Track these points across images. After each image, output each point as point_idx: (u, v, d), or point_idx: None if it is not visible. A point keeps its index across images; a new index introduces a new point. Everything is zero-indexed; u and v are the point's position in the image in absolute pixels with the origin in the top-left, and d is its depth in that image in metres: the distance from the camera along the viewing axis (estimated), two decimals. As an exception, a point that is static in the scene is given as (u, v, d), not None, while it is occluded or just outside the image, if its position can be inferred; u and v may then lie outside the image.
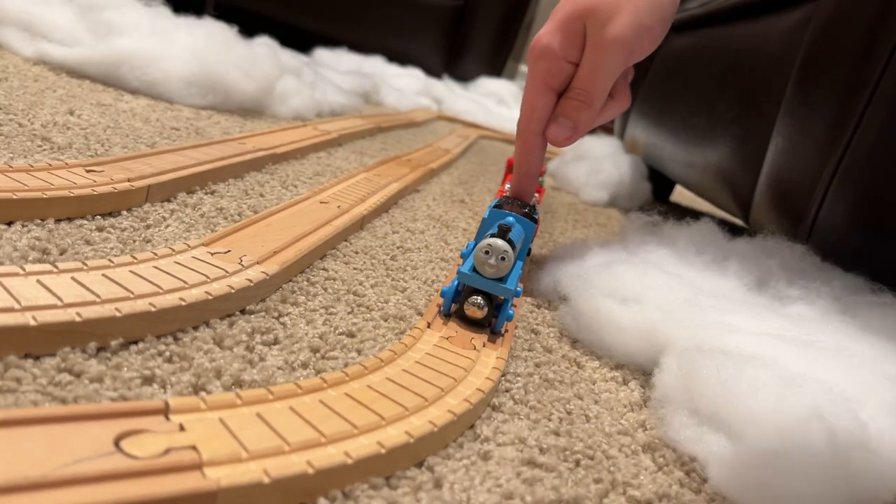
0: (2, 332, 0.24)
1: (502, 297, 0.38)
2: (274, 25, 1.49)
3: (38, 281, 0.28)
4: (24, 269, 0.28)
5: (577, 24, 0.45)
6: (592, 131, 0.98)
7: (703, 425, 0.32)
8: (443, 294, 0.38)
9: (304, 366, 0.30)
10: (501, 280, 0.37)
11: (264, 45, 0.99)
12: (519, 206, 0.46)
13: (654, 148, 1.06)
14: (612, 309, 0.42)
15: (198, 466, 0.20)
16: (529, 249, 0.52)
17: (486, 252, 0.37)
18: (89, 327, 0.26)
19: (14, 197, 0.35)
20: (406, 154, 0.86)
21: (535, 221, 0.46)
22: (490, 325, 0.38)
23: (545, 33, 0.46)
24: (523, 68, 2.36)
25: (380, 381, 0.29)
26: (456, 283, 0.38)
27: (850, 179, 0.48)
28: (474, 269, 0.37)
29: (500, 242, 0.37)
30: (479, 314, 0.37)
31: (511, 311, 0.38)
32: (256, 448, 0.22)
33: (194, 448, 0.21)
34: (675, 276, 0.46)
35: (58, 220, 0.37)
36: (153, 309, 0.28)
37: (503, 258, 0.37)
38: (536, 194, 0.53)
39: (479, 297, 0.37)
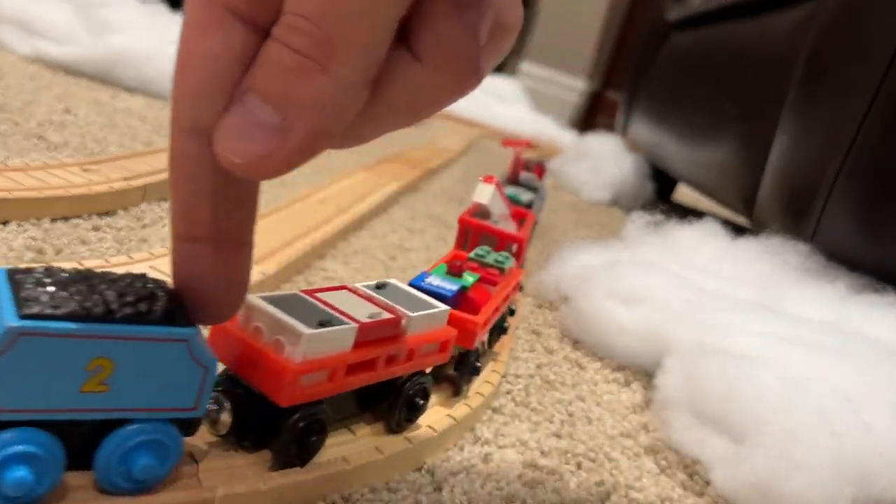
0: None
1: None
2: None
3: (32, 282, 0.27)
4: (17, 269, 0.28)
5: None
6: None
7: (706, 427, 0.32)
8: None
9: (303, 368, 0.30)
10: None
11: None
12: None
13: (657, 146, 1.06)
14: (615, 310, 0.41)
15: (195, 474, 0.20)
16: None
17: None
18: (84, 329, 0.26)
19: (10, 196, 0.35)
20: (406, 153, 0.85)
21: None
22: None
23: None
24: (525, 66, 2.34)
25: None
26: None
27: (855, 178, 0.48)
28: None
29: None
30: None
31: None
32: (254, 455, 0.21)
33: (191, 455, 0.20)
34: (678, 276, 0.45)
35: (54, 220, 0.36)
36: (149, 310, 0.28)
37: None
38: (482, 320, 0.29)
39: None
